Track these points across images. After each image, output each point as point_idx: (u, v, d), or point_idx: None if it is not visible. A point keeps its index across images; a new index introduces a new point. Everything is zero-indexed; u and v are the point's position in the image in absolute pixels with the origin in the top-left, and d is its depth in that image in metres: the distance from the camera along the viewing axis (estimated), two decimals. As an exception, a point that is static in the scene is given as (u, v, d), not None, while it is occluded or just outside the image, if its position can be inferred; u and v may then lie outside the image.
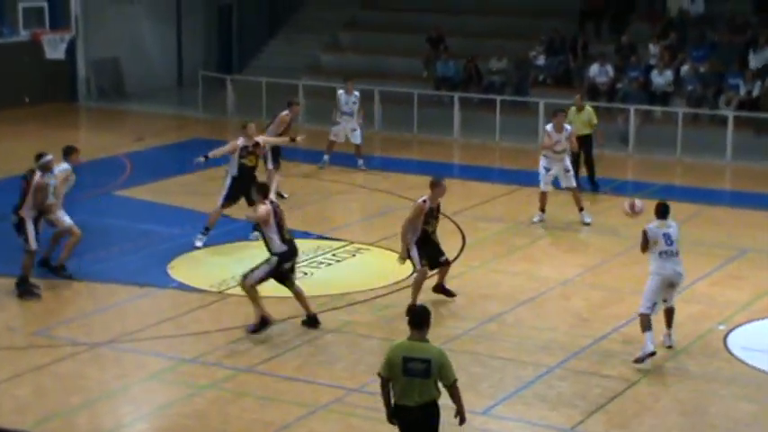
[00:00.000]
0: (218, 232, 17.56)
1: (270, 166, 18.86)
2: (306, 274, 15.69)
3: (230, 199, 16.76)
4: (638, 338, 12.68)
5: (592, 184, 20.45)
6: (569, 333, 13.57)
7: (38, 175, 14.46)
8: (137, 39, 31.28)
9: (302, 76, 28.87)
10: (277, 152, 19.05)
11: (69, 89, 29.92)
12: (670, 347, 12.94)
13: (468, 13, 29.98)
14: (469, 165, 23.47)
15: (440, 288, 14.55)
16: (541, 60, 27.10)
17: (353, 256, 16.57)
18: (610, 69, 25.79)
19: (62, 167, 15.09)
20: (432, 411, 8.85)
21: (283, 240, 13.28)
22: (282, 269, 13.32)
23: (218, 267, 15.92)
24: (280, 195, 19.23)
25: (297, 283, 13.66)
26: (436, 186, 14.08)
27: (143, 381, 12.19)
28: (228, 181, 16.71)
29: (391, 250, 16.66)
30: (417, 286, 14.07)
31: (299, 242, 16.72)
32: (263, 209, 13.15)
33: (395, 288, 15.04)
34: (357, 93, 22.34)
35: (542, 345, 13.18)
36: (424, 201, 14.06)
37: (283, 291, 14.90)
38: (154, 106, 29.52)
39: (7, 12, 24.80)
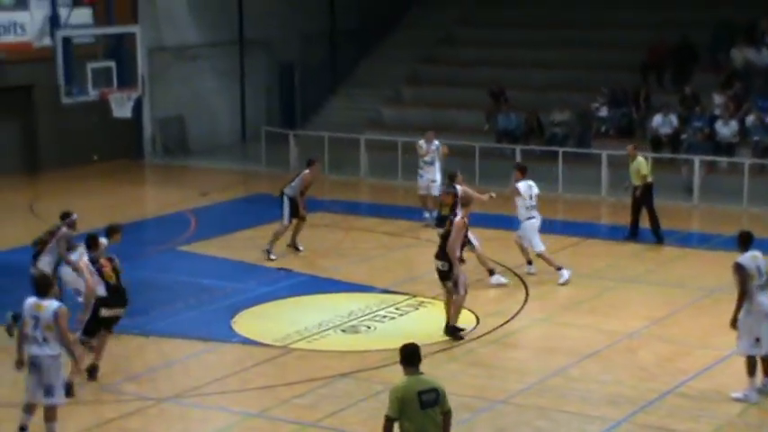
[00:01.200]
0: (281, 286, 17.68)
1: (286, 221, 19.29)
2: (369, 327, 15.70)
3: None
4: (706, 393, 12.46)
5: (656, 236, 20.23)
6: (636, 387, 13.39)
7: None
8: (201, 97, 31.75)
9: (364, 130, 29.09)
10: (295, 207, 19.33)
11: (135, 147, 30.42)
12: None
13: (529, 67, 30.06)
14: (532, 217, 23.34)
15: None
16: (604, 112, 27.03)
17: (417, 309, 16.55)
18: (673, 120, 25.64)
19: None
20: None
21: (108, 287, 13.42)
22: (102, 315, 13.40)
23: (282, 321, 15.98)
24: (296, 248, 19.37)
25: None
26: (469, 202, 15.11)
27: (208, 435, 12.23)
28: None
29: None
30: (459, 309, 14.82)
31: (362, 296, 16.82)
32: None
33: (458, 342, 14.96)
34: (437, 142, 22.37)
35: (608, 399, 13.02)
36: (462, 217, 14.25)
37: (344, 345, 14.93)
38: (218, 162, 29.88)
39: (77, 72, 25.32)
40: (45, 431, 11.48)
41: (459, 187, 18.12)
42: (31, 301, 11.43)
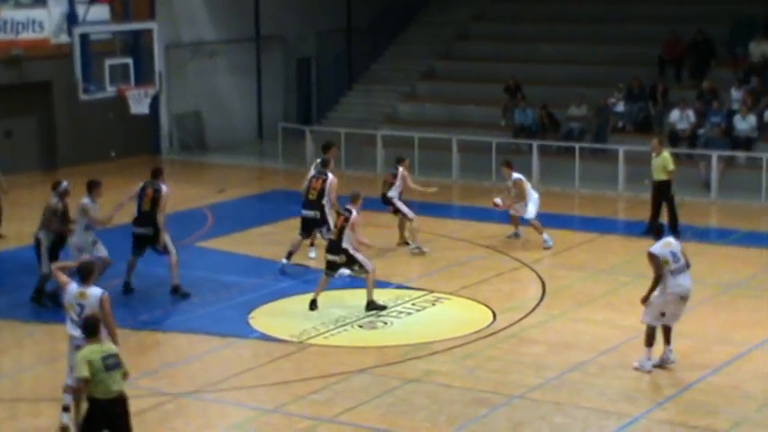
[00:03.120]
0: (298, 282, 17.71)
1: (412, 215, 19.39)
2: (386, 323, 15.72)
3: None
4: (724, 389, 12.43)
5: (674, 232, 20.14)
6: (653, 382, 13.37)
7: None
8: (217, 93, 31.81)
9: (380, 126, 29.09)
10: (406, 204, 19.55)
11: (153, 143, 30.51)
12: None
13: (546, 62, 30.01)
14: (549, 212, 23.28)
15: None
16: (621, 107, 26.96)
17: (433, 305, 16.55)
18: (691, 115, 25.55)
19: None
20: (125, 400, 10.52)
21: None
22: None
23: (299, 317, 16.01)
24: (406, 243, 19.62)
25: None
26: (359, 197, 16.30)
27: (226, 431, 12.25)
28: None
29: (471, 299, 16.66)
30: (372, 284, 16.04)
31: (378, 292, 16.83)
32: None
33: (475, 337, 14.98)
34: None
35: (626, 394, 13.00)
36: (357, 213, 16.02)
37: (361, 340, 14.96)
38: (235, 158, 29.94)
39: (94, 69, 25.42)
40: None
41: (401, 170, 19.35)
42: (74, 288, 11.60)
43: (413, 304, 16.56)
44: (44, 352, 14.72)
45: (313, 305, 16.08)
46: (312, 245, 18.97)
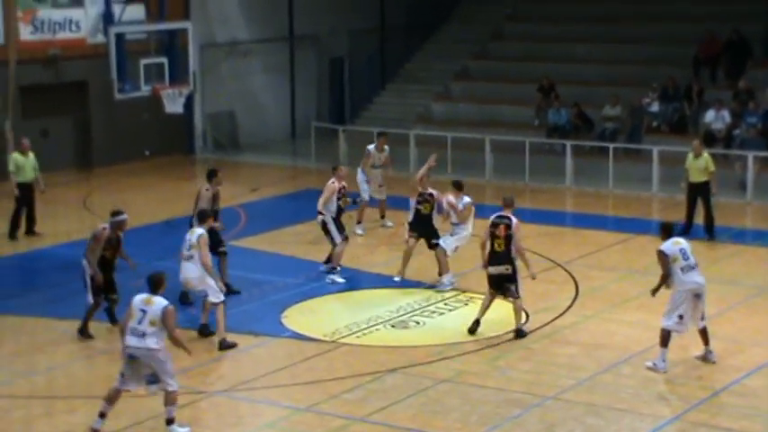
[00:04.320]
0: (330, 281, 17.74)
1: (337, 239, 17.88)
2: (418, 323, 15.71)
3: (342, 231, 17.85)
4: (759, 391, 12.33)
5: (708, 233, 20.02)
6: (688, 384, 13.29)
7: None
8: (251, 92, 31.92)
9: (413, 125, 29.09)
10: (339, 223, 18.18)
11: (187, 142, 30.65)
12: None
13: (580, 62, 29.89)
14: (582, 213, 23.27)
15: None
16: (655, 107, 26.80)
17: (466, 305, 16.53)
18: (726, 115, 25.36)
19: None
20: None
21: None
22: None
23: (332, 316, 16.05)
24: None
25: None
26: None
27: (258, 429, 12.31)
28: (330, 221, 17.71)
29: (504, 299, 16.61)
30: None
31: (411, 291, 16.82)
32: None
33: (507, 337, 14.95)
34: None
35: (660, 396, 12.93)
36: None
37: (394, 340, 14.96)
38: (268, 157, 30.03)
39: (130, 68, 25.60)
40: (165, 414, 11.90)
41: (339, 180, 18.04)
42: (141, 295, 11.88)
43: (445, 304, 16.55)
44: (79, 349, 14.83)
45: (475, 326, 15.10)
46: (359, 222, 20.14)
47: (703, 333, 13.85)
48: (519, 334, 14.97)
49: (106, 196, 25.02)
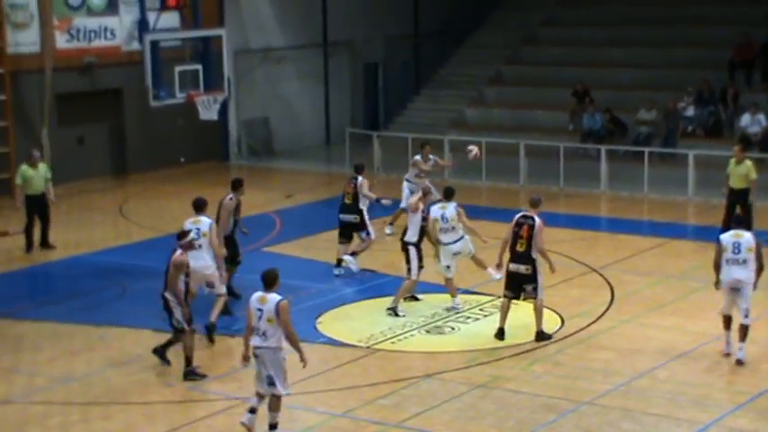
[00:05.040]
0: (366, 287, 17.76)
1: (364, 235, 18.62)
2: (453, 328, 15.70)
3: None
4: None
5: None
6: (725, 389, 13.20)
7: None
8: (285, 98, 32.04)
9: (447, 131, 29.08)
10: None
11: (221, 148, 30.79)
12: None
13: (614, 66, 29.78)
14: (617, 218, 23.17)
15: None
16: (691, 111, 26.64)
17: (501, 310, 16.47)
18: (762, 119, 25.17)
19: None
20: None
21: None
22: None
23: (366, 322, 16.06)
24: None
25: None
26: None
27: (294, 435, 12.34)
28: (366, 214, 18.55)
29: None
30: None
31: (446, 297, 16.79)
32: None
33: (543, 343, 14.91)
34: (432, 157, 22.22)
35: (696, 401, 12.85)
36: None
37: (428, 346, 14.96)
38: (302, 164, 30.12)
39: (164, 75, 25.77)
40: (268, 419, 11.94)
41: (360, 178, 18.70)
42: (256, 294, 11.95)
43: (480, 309, 16.53)
44: (115, 356, 14.93)
45: (500, 335, 15.06)
46: (391, 224, 20.44)
47: (741, 330, 13.91)
48: (541, 336, 14.91)
49: (142, 203, 25.20)
